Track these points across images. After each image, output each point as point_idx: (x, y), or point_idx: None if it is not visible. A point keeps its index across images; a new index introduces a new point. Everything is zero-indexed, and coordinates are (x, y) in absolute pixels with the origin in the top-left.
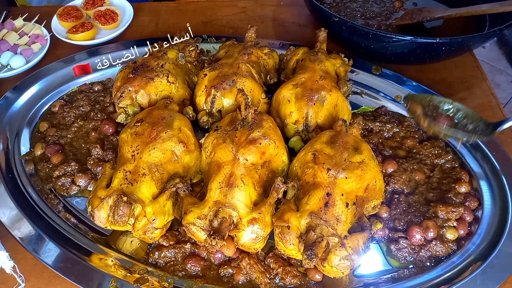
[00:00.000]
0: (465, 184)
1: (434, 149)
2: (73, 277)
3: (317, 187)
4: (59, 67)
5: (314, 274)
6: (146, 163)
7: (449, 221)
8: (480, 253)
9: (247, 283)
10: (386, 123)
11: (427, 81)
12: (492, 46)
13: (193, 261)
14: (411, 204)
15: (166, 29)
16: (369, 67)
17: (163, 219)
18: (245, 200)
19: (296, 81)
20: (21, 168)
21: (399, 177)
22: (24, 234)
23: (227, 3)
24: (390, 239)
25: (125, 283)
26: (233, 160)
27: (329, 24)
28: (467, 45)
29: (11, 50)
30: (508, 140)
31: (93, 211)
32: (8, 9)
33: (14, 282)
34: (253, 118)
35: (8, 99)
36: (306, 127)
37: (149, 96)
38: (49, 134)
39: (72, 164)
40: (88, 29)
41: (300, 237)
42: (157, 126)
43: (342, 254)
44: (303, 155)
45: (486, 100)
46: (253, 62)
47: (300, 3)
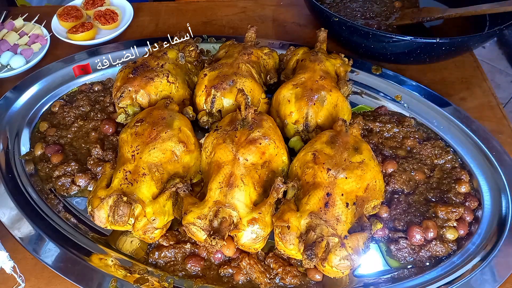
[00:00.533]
0: (465, 184)
1: (434, 149)
2: (73, 277)
3: (317, 187)
4: (59, 67)
5: (314, 274)
6: (146, 163)
7: (449, 221)
8: (480, 253)
9: (247, 283)
10: (386, 123)
11: (427, 81)
12: (492, 46)
13: (193, 261)
14: (411, 204)
15: (166, 29)
16: (369, 67)
17: (163, 219)
18: (245, 200)
19: (296, 81)
20: (21, 168)
21: (399, 177)
22: (24, 234)
23: (227, 3)
24: (390, 239)
25: (125, 283)
26: (233, 160)
27: (329, 24)
28: (467, 45)
29: (11, 50)
30: (508, 140)
31: (93, 211)
32: (8, 9)
33: (14, 282)
34: (253, 118)
35: (8, 99)
36: (306, 127)
37: (149, 96)
38: (49, 134)
39: (72, 164)
40: (88, 29)
41: (300, 237)
42: (157, 126)
43: (342, 254)
44: (303, 155)
45: (486, 100)
46: (253, 62)
47: (300, 3)
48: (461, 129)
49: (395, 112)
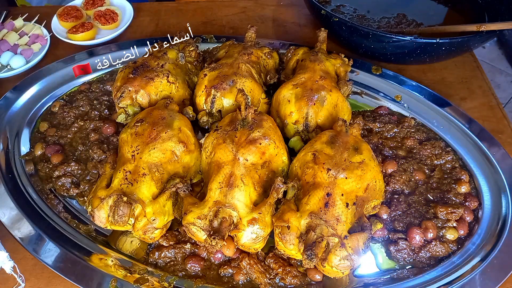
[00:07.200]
0: (465, 184)
1: (434, 149)
2: (73, 277)
3: (317, 187)
4: (59, 67)
5: (314, 274)
6: (146, 163)
7: (449, 222)
8: (480, 253)
9: (247, 283)
10: (386, 123)
11: (427, 81)
12: (492, 46)
13: (193, 261)
14: (411, 205)
15: (166, 29)
16: (369, 67)
17: (163, 219)
18: (245, 200)
19: (296, 81)
20: (21, 168)
21: (399, 177)
22: (24, 234)
23: (227, 3)
24: (389, 240)
25: (125, 283)
26: (233, 160)
27: (329, 24)
28: (467, 45)
29: (11, 50)
30: (508, 140)
31: (93, 211)
32: (8, 9)
33: (14, 282)
34: (253, 118)
35: (8, 99)
36: (306, 127)
37: (149, 96)
38: (49, 134)
39: (72, 164)
40: (88, 29)
41: (300, 237)
42: (157, 126)
43: (342, 254)
44: (303, 155)
45: (486, 100)
46: (253, 62)
47: (300, 3)
48: (461, 129)
49: (395, 112)
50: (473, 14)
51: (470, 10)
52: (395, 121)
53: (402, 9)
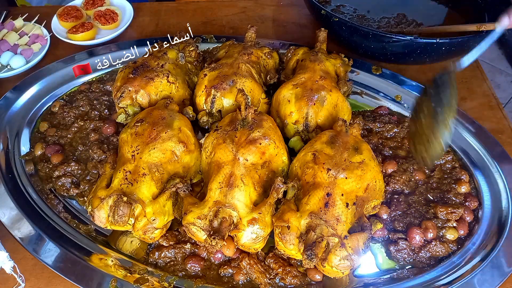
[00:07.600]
0: (465, 184)
1: None
2: (73, 277)
3: (317, 187)
4: (59, 67)
5: (314, 274)
6: (146, 163)
7: (449, 222)
8: (480, 253)
9: (247, 283)
10: (386, 123)
11: (427, 81)
12: (492, 46)
13: (193, 261)
14: (411, 205)
15: (166, 29)
16: (369, 67)
17: (163, 219)
18: (245, 200)
19: (296, 81)
20: (21, 168)
21: (399, 177)
22: (24, 234)
23: (227, 3)
24: (389, 240)
25: (125, 283)
26: (233, 160)
27: (329, 24)
28: (467, 45)
29: (11, 50)
30: (508, 140)
31: (93, 211)
32: (8, 9)
33: (14, 282)
34: (253, 118)
35: (8, 99)
36: (306, 127)
37: (149, 96)
38: (49, 134)
39: (72, 164)
40: (88, 29)
41: (300, 237)
42: (157, 126)
43: (342, 254)
44: (303, 155)
45: (486, 100)
46: (253, 62)
47: (300, 3)
48: (461, 129)
49: (395, 112)
50: (473, 14)
51: (470, 10)
52: (395, 121)
53: (402, 9)
